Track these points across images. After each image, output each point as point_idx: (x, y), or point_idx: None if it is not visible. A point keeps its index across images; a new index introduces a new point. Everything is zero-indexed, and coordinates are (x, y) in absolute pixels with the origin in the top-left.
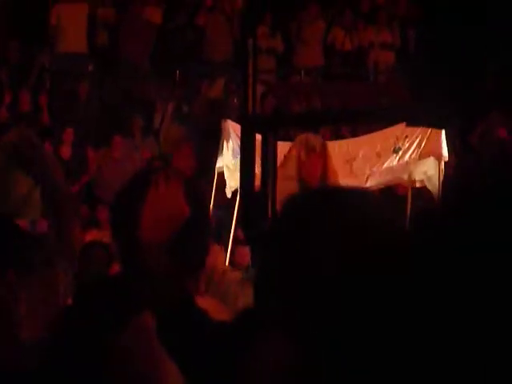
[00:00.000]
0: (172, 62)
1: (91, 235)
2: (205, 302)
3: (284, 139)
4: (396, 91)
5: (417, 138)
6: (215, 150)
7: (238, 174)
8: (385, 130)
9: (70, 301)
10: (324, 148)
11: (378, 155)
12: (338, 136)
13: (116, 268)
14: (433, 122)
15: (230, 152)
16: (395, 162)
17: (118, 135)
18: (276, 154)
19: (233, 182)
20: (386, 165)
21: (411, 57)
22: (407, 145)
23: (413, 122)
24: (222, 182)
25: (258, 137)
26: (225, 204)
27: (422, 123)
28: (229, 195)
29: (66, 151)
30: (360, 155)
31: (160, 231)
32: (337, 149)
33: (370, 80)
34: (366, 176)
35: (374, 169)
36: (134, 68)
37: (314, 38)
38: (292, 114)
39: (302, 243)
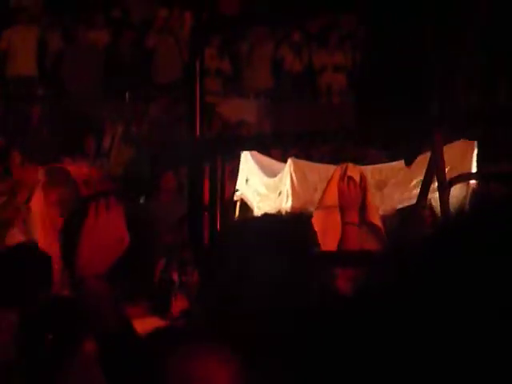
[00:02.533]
0: (121, 83)
1: None
2: (150, 323)
3: None
4: (348, 114)
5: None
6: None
7: (275, 195)
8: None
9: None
10: (363, 179)
11: (410, 181)
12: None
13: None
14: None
15: (257, 178)
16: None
17: (67, 157)
18: (224, 177)
19: (267, 206)
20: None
21: (359, 80)
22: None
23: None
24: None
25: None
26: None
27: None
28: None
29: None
30: (392, 181)
31: (97, 261)
32: (369, 174)
33: (322, 102)
34: (395, 202)
35: (405, 195)
36: (82, 91)
37: (263, 59)
38: (240, 136)
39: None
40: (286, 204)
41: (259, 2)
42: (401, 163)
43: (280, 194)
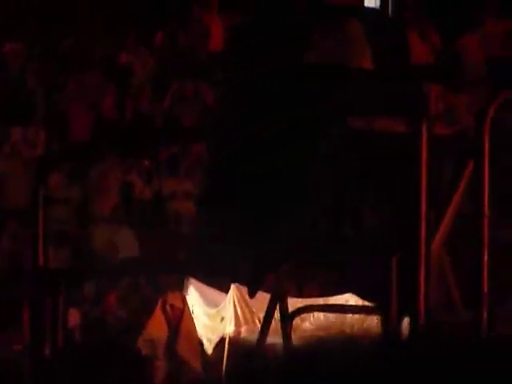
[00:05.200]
0: None
1: None
2: None
3: None
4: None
5: None
6: None
7: (217, 323)
8: None
9: None
10: (185, 303)
11: None
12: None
13: None
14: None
15: (200, 309)
16: None
17: None
18: (63, 310)
19: (214, 335)
20: None
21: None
22: None
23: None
24: None
25: None
26: None
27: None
28: (210, 351)
29: None
30: None
31: None
32: None
33: (171, 230)
34: None
35: None
36: None
37: (112, 186)
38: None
39: None
40: (228, 328)
41: (109, 130)
42: None
43: (223, 319)
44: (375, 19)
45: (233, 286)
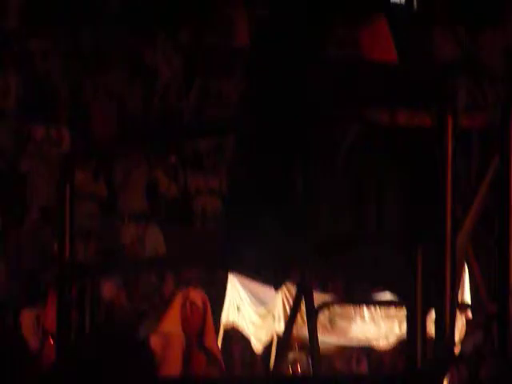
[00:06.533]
0: None
1: None
2: None
3: None
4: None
5: None
6: None
7: (270, 321)
8: None
9: None
10: (205, 304)
11: None
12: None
13: None
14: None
15: (249, 308)
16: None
17: None
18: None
19: (264, 334)
20: None
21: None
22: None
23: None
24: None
25: None
26: None
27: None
28: (259, 351)
29: None
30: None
31: None
32: None
33: (197, 227)
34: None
35: None
36: None
37: (138, 183)
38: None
39: None
40: (278, 328)
41: (134, 127)
42: None
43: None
44: (401, 14)
45: (284, 286)
